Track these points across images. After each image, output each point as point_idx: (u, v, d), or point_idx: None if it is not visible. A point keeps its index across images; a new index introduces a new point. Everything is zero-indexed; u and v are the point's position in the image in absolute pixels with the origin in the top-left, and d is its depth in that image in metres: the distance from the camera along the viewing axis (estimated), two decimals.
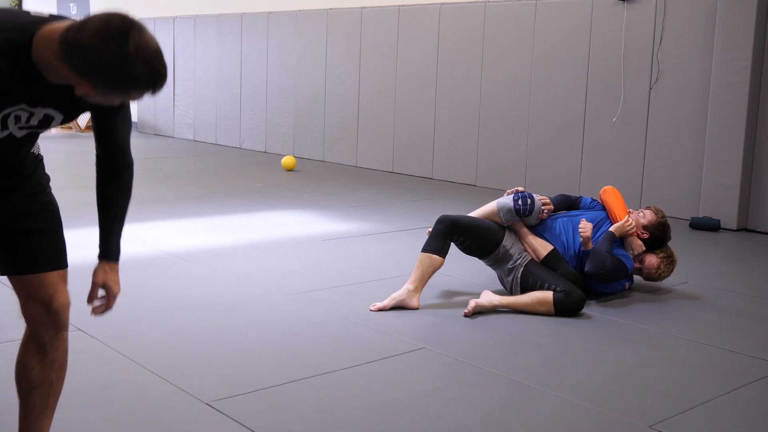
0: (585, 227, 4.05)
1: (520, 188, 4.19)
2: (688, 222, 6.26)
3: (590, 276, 4.00)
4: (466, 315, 3.79)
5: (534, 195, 4.11)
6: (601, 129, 7.01)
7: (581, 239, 4.05)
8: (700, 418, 2.77)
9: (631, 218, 4.18)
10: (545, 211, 4.12)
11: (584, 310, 3.87)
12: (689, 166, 6.45)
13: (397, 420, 2.66)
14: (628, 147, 6.83)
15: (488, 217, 4.11)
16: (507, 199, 4.09)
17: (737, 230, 6.17)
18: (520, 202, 4.04)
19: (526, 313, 3.85)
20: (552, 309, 3.80)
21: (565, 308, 3.80)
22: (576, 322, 3.77)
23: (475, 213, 4.15)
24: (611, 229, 4.08)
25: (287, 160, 8.77)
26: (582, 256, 4.07)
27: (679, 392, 2.99)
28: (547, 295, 3.83)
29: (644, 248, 4.18)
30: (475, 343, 3.45)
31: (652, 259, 4.21)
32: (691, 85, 6.42)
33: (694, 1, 6.38)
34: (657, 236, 4.25)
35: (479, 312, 3.83)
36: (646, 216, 4.26)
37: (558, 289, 3.83)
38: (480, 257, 4.13)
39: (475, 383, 3.01)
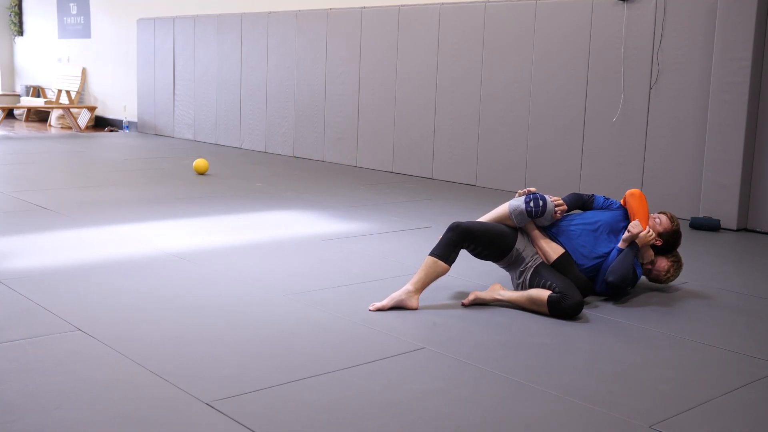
0: (637, 226, 4.04)
1: (533, 189, 4.15)
2: (688, 222, 6.26)
3: (611, 286, 4.01)
4: (463, 305, 3.84)
5: (546, 196, 4.08)
6: (601, 129, 7.01)
7: (627, 235, 4.03)
8: (700, 418, 2.77)
9: (649, 226, 4.20)
10: (558, 211, 4.09)
11: (585, 310, 3.87)
12: (689, 166, 6.45)
13: (397, 420, 2.66)
14: (628, 147, 6.83)
15: (500, 220, 4.08)
16: (519, 201, 4.06)
17: (737, 230, 6.17)
18: (531, 204, 4.01)
19: (525, 310, 3.86)
20: (546, 309, 3.81)
21: (558, 311, 3.78)
22: (576, 322, 3.77)
23: (488, 216, 4.12)
24: (636, 240, 4.06)
25: (199, 163, 8.28)
26: (605, 257, 4.06)
27: (679, 392, 2.99)
28: (542, 294, 3.82)
29: (653, 257, 4.22)
30: (475, 343, 3.45)
31: (662, 263, 4.23)
32: (691, 85, 6.42)
33: (694, 1, 6.38)
34: (669, 243, 4.26)
35: (478, 304, 3.88)
36: (662, 223, 4.25)
37: (557, 290, 3.82)
38: (493, 261, 4.12)
39: (476, 383, 3.01)
